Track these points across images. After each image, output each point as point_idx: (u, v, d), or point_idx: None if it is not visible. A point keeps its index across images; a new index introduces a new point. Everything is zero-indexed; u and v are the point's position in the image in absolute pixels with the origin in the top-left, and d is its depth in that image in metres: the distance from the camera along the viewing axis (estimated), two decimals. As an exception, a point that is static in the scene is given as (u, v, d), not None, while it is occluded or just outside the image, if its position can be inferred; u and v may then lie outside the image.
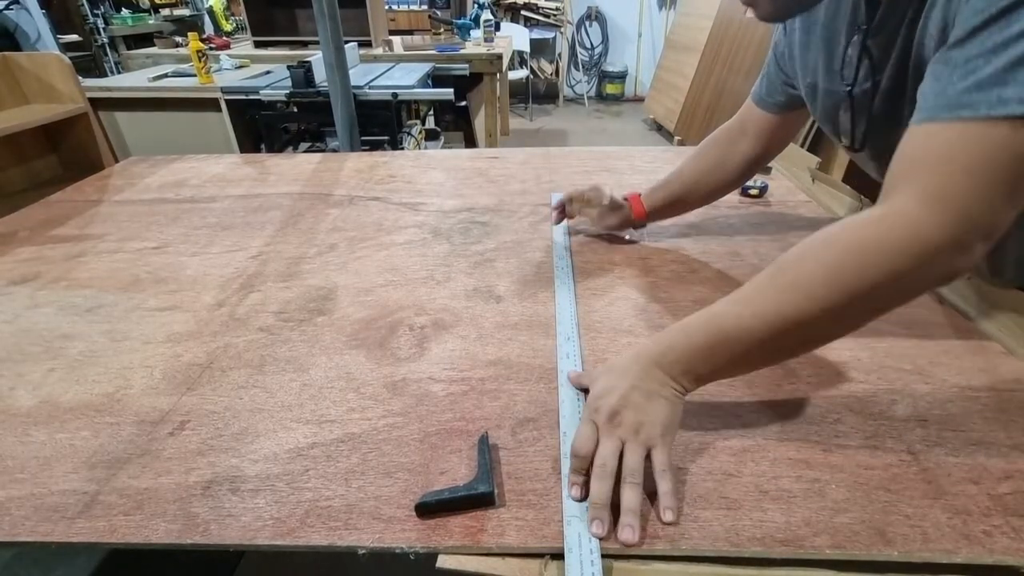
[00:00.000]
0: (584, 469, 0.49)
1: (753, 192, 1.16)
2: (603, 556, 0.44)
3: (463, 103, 3.34)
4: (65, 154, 2.03)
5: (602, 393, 0.52)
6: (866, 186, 1.04)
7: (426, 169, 1.40)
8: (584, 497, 0.48)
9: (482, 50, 3.18)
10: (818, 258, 0.47)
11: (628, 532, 0.45)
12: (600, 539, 0.45)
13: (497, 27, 3.70)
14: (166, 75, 2.59)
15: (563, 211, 0.99)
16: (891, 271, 0.44)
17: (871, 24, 0.59)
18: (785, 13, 0.63)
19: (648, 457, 0.49)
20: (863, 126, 0.68)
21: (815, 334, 0.50)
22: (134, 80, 2.53)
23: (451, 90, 2.33)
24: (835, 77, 0.68)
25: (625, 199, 0.95)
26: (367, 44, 3.20)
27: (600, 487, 0.47)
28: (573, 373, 0.64)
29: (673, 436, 0.51)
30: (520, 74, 5.41)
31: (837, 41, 0.66)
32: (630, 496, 0.47)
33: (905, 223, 0.44)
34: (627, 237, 0.99)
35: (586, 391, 0.56)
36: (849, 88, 0.66)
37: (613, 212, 0.95)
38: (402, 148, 2.42)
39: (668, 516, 0.46)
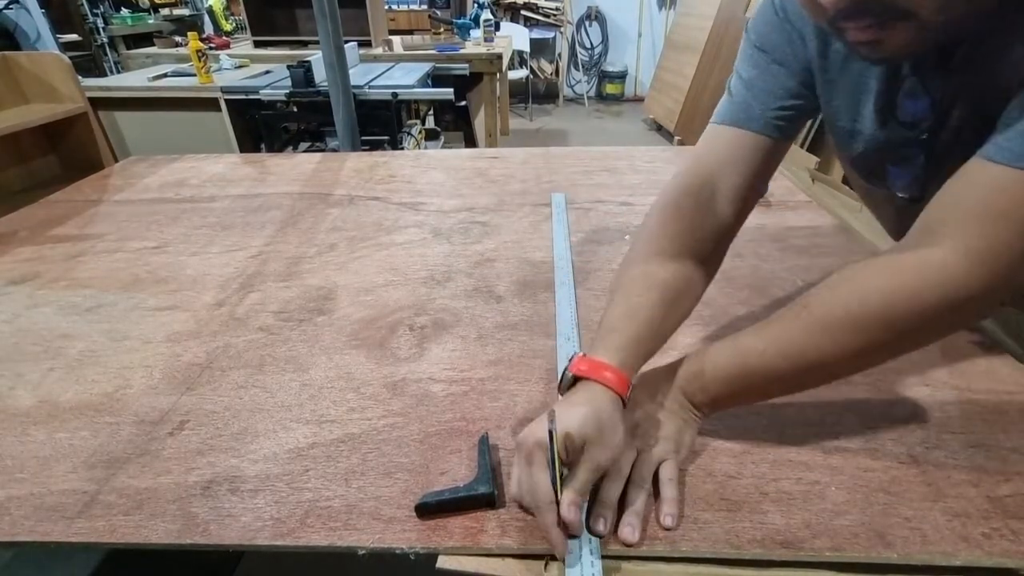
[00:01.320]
0: None
1: (753, 193, 1.16)
2: (603, 557, 0.44)
3: (463, 103, 3.34)
4: (65, 154, 2.04)
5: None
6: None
7: (426, 169, 1.40)
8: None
9: (482, 50, 3.18)
10: (847, 303, 0.45)
11: (629, 531, 0.45)
12: (600, 537, 0.45)
13: (497, 27, 3.70)
14: (166, 75, 2.59)
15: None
16: (921, 322, 0.43)
17: (941, 64, 0.50)
18: (920, 48, 0.44)
19: (657, 469, 0.51)
20: (931, 175, 0.56)
21: (836, 372, 0.51)
22: (134, 80, 2.52)
23: (451, 90, 2.33)
24: (890, 122, 0.56)
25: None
26: (367, 44, 3.20)
27: (611, 488, 0.47)
28: None
29: (685, 455, 0.53)
30: (520, 74, 5.41)
31: (879, 81, 0.55)
32: (635, 497, 0.47)
33: (944, 278, 0.41)
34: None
35: None
36: (921, 135, 0.54)
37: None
38: (402, 148, 2.42)
39: (668, 521, 0.46)
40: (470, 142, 3.60)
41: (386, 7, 4.13)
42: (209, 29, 4.22)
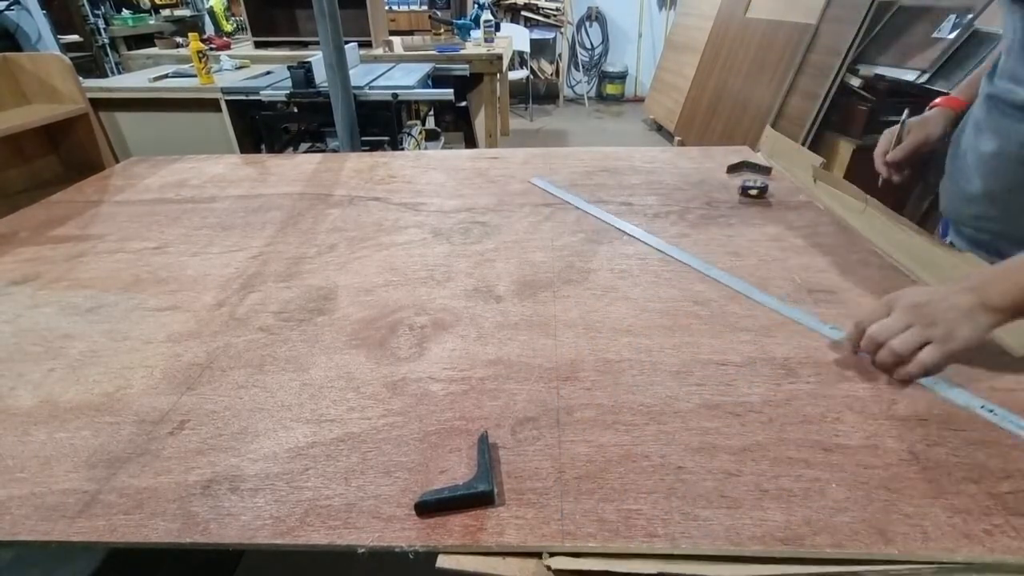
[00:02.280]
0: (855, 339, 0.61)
1: (753, 192, 1.16)
2: (605, 556, 0.44)
3: (463, 103, 3.34)
4: (66, 154, 2.04)
5: (918, 292, 0.59)
6: (868, 185, 1.04)
7: (426, 169, 1.41)
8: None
9: (482, 50, 3.19)
10: None
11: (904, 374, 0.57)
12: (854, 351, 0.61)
13: (497, 27, 3.70)
14: (166, 75, 2.59)
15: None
16: None
17: None
18: None
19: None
20: None
21: None
22: (134, 80, 2.53)
23: (451, 90, 2.33)
24: None
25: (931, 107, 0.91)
26: (367, 44, 3.20)
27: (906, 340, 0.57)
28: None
29: (955, 348, 0.57)
30: (520, 74, 5.42)
31: None
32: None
33: None
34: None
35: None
36: None
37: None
38: (402, 148, 2.42)
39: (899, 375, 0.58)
40: (470, 142, 3.61)
41: (386, 8, 4.13)
42: (210, 30, 4.23)
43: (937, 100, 0.94)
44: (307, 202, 1.21)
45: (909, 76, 2.44)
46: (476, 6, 4.09)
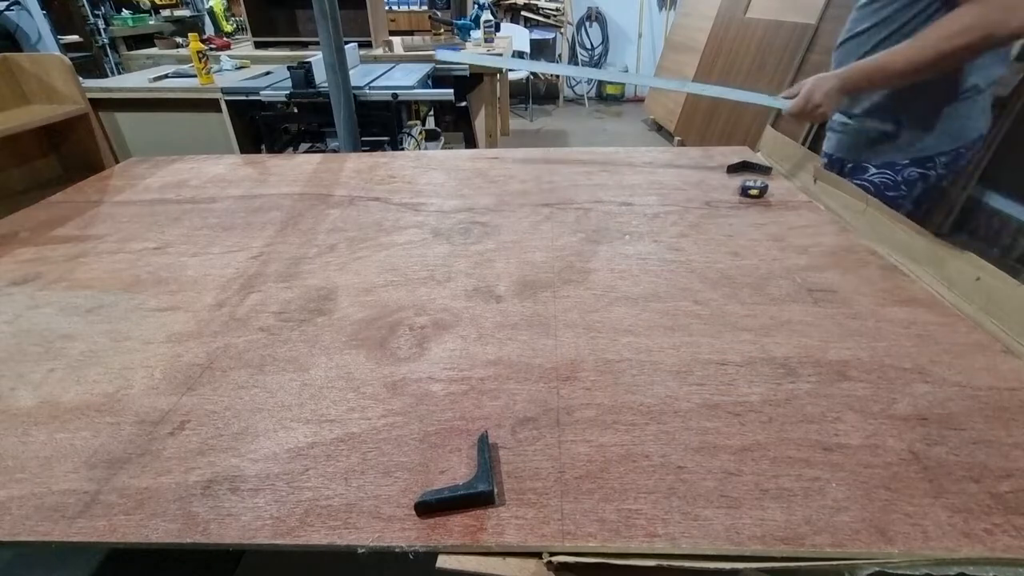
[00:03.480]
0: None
1: (753, 192, 1.16)
2: (605, 556, 0.44)
3: (463, 104, 3.34)
4: (66, 155, 2.04)
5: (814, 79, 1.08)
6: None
7: (426, 169, 1.41)
8: None
9: (482, 50, 3.18)
10: (939, 29, 0.89)
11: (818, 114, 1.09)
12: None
13: (497, 28, 3.70)
14: (166, 76, 2.59)
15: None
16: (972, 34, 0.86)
17: None
18: None
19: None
20: None
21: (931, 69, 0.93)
22: (134, 81, 2.53)
23: (451, 91, 2.33)
24: None
25: None
26: (367, 45, 3.20)
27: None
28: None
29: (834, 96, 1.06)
30: (520, 74, 5.42)
31: None
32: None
33: (974, 14, 0.85)
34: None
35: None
36: None
37: None
38: (402, 149, 2.42)
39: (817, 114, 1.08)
40: (470, 143, 3.60)
41: (386, 8, 4.13)
42: (210, 30, 4.23)
43: None
44: (307, 202, 1.21)
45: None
46: (476, 6, 4.09)
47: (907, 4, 0.97)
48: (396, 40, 3.49)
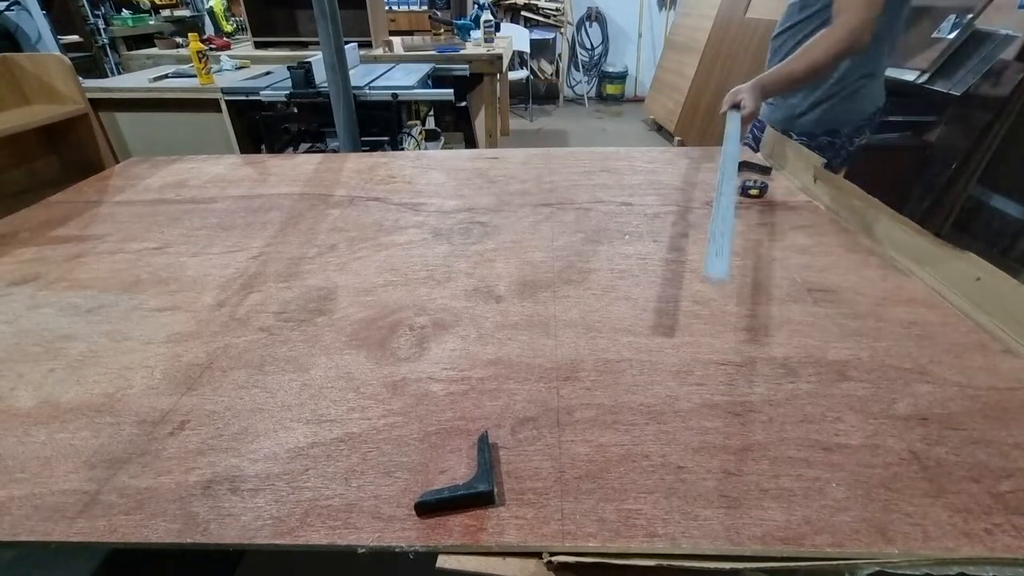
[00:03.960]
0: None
1: (753, 192, 1.16)
2: (605, 556, 0.44)
3: (463, 103, 3.34)
4: (66, 155, 2.04)
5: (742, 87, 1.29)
6: (870, 183, 1.04)
7: (426, 169, 1.41)
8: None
9: (482, 50, 3.18)
10: (817, 45, 1.16)
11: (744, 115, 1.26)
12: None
13: (497, 28, 3.70)
14: (166, 76, 2.59)
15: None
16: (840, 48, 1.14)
17: None
18: None
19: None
20: None
21: (820, 70, 1.19)
22: (134, 81, 2.53)
23: (451, 91, 2.33)
24: None
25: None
26: (367, 45, 3.20)
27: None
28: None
29: (753, 102, 1.25)
30: (520, 74, 5.41)
31: None
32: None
33: (841, 31, 1.12)
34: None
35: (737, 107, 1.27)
36: None
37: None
38: (402, 149, 2.42)
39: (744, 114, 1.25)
40: (470, 143, 3.60)
41: (386, 8, 4.13)
42: (210, 30, 4.23)
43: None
44: (307, 202, 1.21)
45: (909, 76, 2.44)
46: (476, 6, 4.09)
47: (826, 5, 1.22)
48: (396, 40, 3.48)
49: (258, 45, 3.40)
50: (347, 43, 2.01)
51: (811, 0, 1.27)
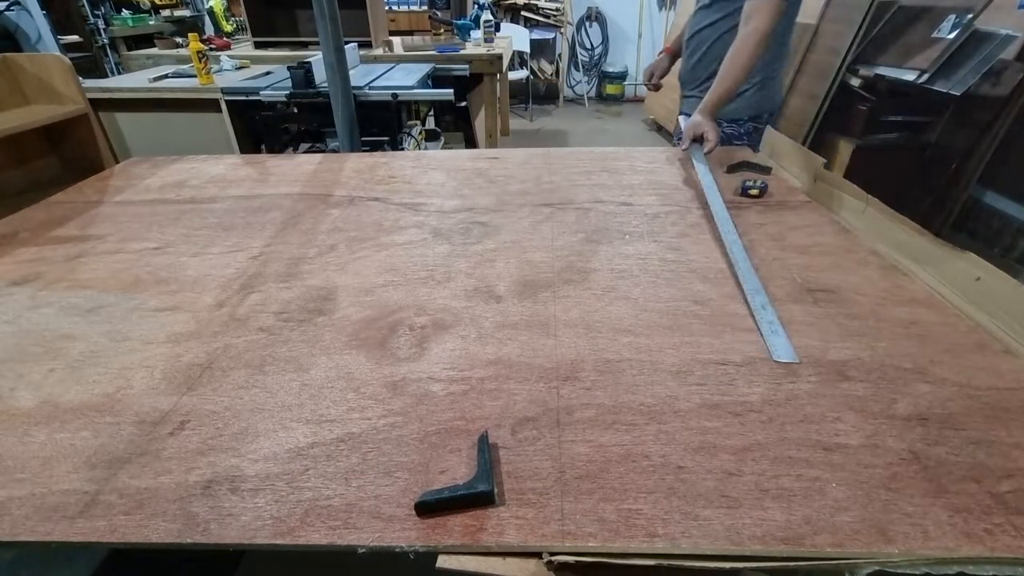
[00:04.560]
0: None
1: (753, 192, 1.16)
2: (605, 556, 0.44)
3: (463, 104, 3.34)
4: (66, 155, 2.04)
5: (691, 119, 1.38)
6: (870, 183, 1.04)
7: (426, 170, 1.41)
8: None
9: (482, 50, 3.18)
10: (738, 49, 1.31)
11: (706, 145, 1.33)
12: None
13: (497, 28, 3.70)
14: (166, 76, 2.59)
15: (656, 88, 1.73)
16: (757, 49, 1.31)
17: None
18: None
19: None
20: None
21: (747, 67, 1.31)
22: (134, 81, 2.52)
23: (451, 91, 2.33)
24: None
25: (660, 54, 1.78)
26: (367, 45, 3.20)
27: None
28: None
29: (707, 125, 1.33)
30: (520, 75, 5.41)
31: None
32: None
33: (753, 33, 1.29)
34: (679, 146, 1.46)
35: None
36: None
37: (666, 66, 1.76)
38: (402, 149, 2.42)
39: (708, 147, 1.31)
40: (470, 143, 3.60)
41: (386, 8, 4.13)
42: (210, 30, 4.23)
43: (662, 48, 1.82)
44: (307, 202, 1.21)
45: (909, 76, 2.44)
46: (476, 6, 4.09)
47: (737, 8, 1.38)
48: (396, 40, 3.48)
49: (258, 45, 3.40)
50: (347, 43, 2.01)
51: (724, 3, 1.46)
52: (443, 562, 0.45)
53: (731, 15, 1.44)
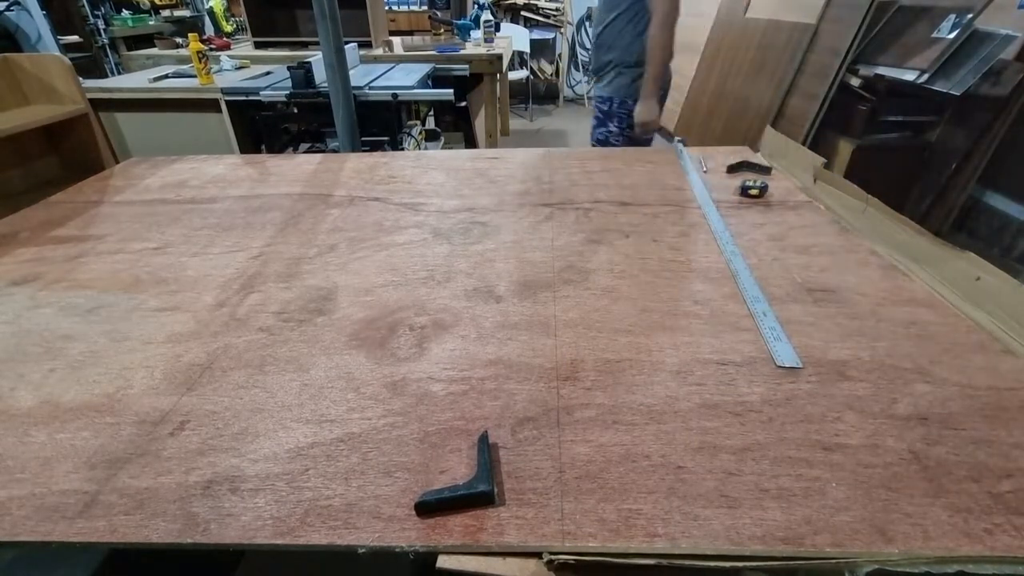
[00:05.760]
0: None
1: (753, 192, 1.16)
2: (605, 556, 0.44)
3: (463, 104, 3.34)
4: (66, 155, 2.03)
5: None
6: (870, 183, 1.04)
7: (426, 170, 1.41)
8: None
9: (482, 51, 3.18)
10: (660, 37, 1.73)
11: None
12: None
13: (497, 28, 3.70)
14: (166, 76, 2.59)
15: None
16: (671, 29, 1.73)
17: None
18: None
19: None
20: None
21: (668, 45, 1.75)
22: (134, 81, 2.52)
23: (451, 91, 2.33)
24: None
25: None
26: (367, 45, 3.20)
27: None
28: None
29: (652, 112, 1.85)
30: (520, 74, 5.41)
31: None
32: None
33: (661, 13, 1.69)
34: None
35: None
36: None
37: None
38: (402, 149, 2.42)
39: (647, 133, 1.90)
40: (470, 143, 3.60)
41: (386, 8, 4.13)
42: (210, 30, 4.23)
43: None
44: (307, 202, 1.21)
45: (909, 76, 2.44)
46: (476, 6, 4.09)
47: (634, 2, 1.72)
48: (396, 40, 3.49)
49: (258, 45, 3.40)
50: (347, 43, 2.01)
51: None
52: (443, 562, 0.45)
53: (628, 9, 1.79)
